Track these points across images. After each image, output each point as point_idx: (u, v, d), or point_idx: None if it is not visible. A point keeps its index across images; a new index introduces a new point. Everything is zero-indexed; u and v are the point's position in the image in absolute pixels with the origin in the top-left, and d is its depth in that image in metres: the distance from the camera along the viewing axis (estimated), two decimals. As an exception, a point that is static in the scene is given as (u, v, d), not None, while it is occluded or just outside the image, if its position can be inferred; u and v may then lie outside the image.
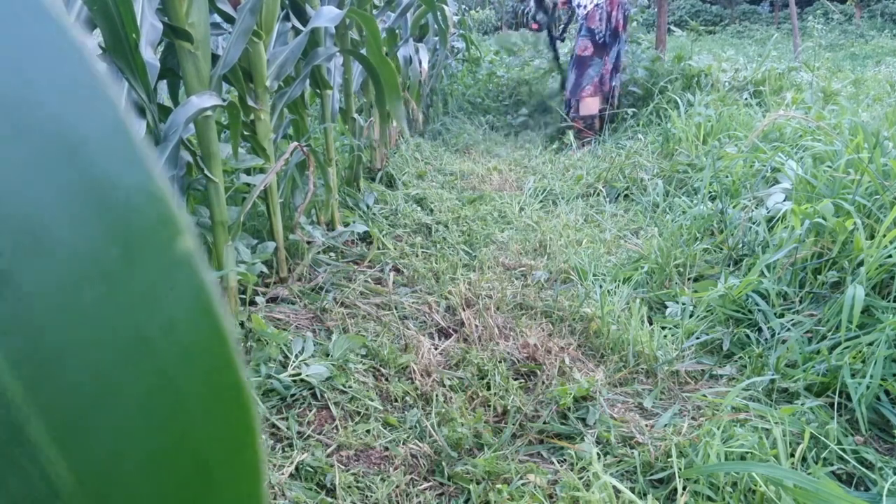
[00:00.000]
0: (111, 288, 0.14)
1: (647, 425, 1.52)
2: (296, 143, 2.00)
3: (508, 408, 1.59)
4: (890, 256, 1.77)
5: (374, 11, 2.98)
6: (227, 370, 0.15)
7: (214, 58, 1.64)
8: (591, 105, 4.53)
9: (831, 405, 1.52)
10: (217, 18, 1.99)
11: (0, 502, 0.14)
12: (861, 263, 1.82)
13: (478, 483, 1.34)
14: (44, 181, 0.14)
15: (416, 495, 1.34)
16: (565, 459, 1.43)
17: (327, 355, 1.74)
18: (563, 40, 5.72)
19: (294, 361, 1.67)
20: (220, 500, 0.15)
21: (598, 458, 1.38)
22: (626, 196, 3.30)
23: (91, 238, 0.14)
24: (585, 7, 4.46)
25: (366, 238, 2.67)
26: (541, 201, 3.25)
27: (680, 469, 1.32)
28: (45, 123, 0.14)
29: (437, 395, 1.62)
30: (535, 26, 5.48)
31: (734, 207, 2.57)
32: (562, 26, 5.55)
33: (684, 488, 1.28)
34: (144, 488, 0.14)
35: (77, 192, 0.14)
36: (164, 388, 0.14)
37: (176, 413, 0.14)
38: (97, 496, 0.14)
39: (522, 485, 1.33)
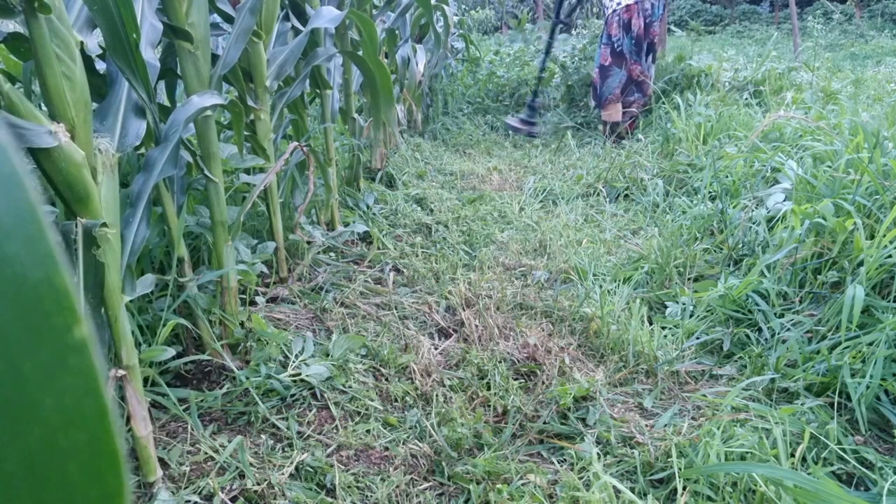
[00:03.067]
0: (10, 365, 0.16)
1: (647, 425, 1.51)
2: (296, 143, 2.00)
3: (508, 408, 1.59)
4: (890, 256, 1.77)
5: (374, 12, 2.98)
6: (107, 439, 0.18)
7: (214, 58, 1.64)
8: (613, 112, 4.46)
9: (831, 405, 1.52)
10: (217, 18, 1.99)
11: None
12: (861, 263, 1.82)
13: (478, 483, 1.34)
14: None
15: (416, 495, 1.33)
16: (565, 459, 1.43)
17: (327, 355, 1.74)
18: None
19: (294, 361, 1.67)
20: None
21: (598, 458, 1.38)
22: (626, 196, 3.30)
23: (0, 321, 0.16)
24: (607, 8, 4.40)
25: (366, 238, 2.67)
26: (541, 201, 3.25)
27: (680, 469, 1.32)
28: None
29: (437, 395, 1.62)
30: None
31: (734, 207, 2.56)
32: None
33: (684, 488, 1.28)
34: None
35: None
36: (49, 453, 0.17)
37: (57, 473, 0.17)
38: None
39: (522, 485, 1.33)
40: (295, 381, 1.61)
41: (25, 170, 0.17)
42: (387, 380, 1.70)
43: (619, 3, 4.27)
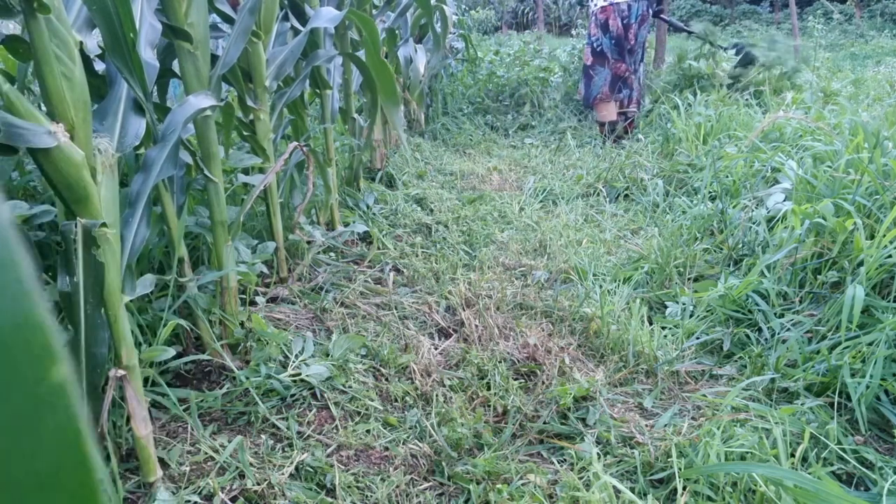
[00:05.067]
0: None
1: (647, 425, 1.51)
2: (295, 143, 2.00)
3: (508, 408, 1.58)
4: (890, 256, 1.77)
5: (374, 12, 2.98)
6: (91, 493, 0.17)
7: (214, 58, 1.64)
8: (605, 112, 4.46)
9: (831, 405, 1.52)
10: (216, 19, 1.99)
11: None
12: (861, 263, 1.82)
13: (478, 483, 1.34)
14: None
15: (416, 495, 1.33)
16: (565, 459, 1.43)
17: (327, 355, 1.74)
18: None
19: (294, 361, 1.67)
20: None
21: (598, 458, 1.38)
22: (626, 196, 3.30)
23: None
24: (590, 9, 4.44)
25: (366, 238, 2.67)
26: (541, 201, 3.25)
27: (680, 469, 1.31)
28: None
29: (437, 395, 1.62)
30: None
31: (734, 207, 2.56)
32: None
33: (684, 488, 1.28)
34: None
35: None
36: (32, 498, 0.15)
37: None
38: None
39: (522, 485, 1.33)
40: (295, 381, 1.61)
41: (4, 216, 0.16)
42: (387, 380, 1.70)
43: (595, 4, 4.33)
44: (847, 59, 9.07)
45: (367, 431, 1.50)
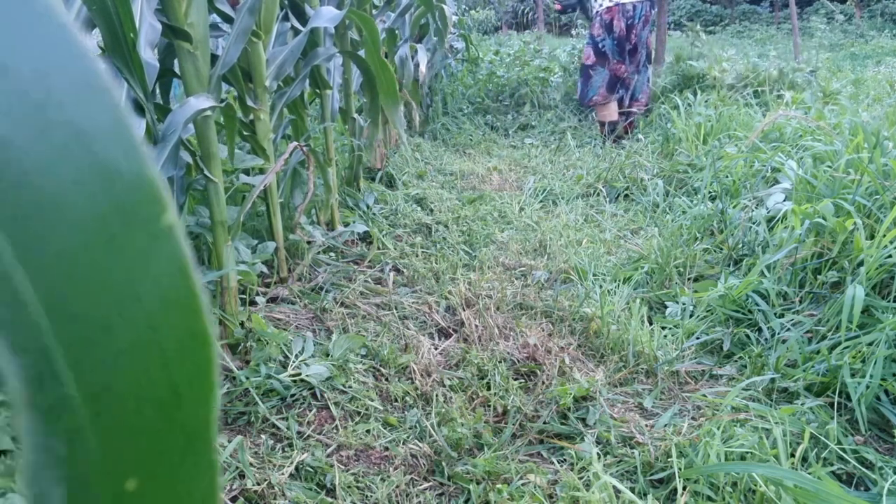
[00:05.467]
0: (112, 250, 0.19)
1: (647, 425, 1.51)
2: (295, 143, 2.00)
3: (508, 408, 1.58)
4: (890, 256, 1.77)
5: (374, 12, 2.98)
6: (197, 318, 0.20)
7: (214, 58, 1.64)
8: (606, 112, 4.45)
9: (831, 405, 1.52)
10: (216, 19, 1.99)
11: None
12: (861, 263, 1.82)
13: (478, 483, 1.34)
14: (65, 168, 0.18)
15: (416, 495, 1.33)
16: (565, 459, 1.43)
17: (327, 355, 1.74)
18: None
19: (294, 361, 1.67)
20: (184, 414, 0.20)
21: (598, 458, 1.38)
22: (626, 196, 3.30)
23: (99, 211, 0.19)
24: (593, 9, 4.43)
25: (366, 238, 2.67)
26: (541, 201, 3.25)
27: (680, 469, 1.31)
28: (64, 123, 0.18)
29: (437, 395, 1.62)
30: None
31: (734, 207, 2.56)
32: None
33: (684, 488, 1.28)
34: (131, 401, 0.19)
35: (89, 175, 0.18)
36: (149, 330, 0.19)
37: (157, 349, 0.20)
38: (99, 407, 0.19)
39: (522, 485, 1.33)
40: (295, 381, 1.61)
41: (113, 82, 0.19)
42: (387, 380, 1.70)
43: (600, 5, 4.33)
44: (847, 59, 9.07)
45: (367, 431, 1.50)
